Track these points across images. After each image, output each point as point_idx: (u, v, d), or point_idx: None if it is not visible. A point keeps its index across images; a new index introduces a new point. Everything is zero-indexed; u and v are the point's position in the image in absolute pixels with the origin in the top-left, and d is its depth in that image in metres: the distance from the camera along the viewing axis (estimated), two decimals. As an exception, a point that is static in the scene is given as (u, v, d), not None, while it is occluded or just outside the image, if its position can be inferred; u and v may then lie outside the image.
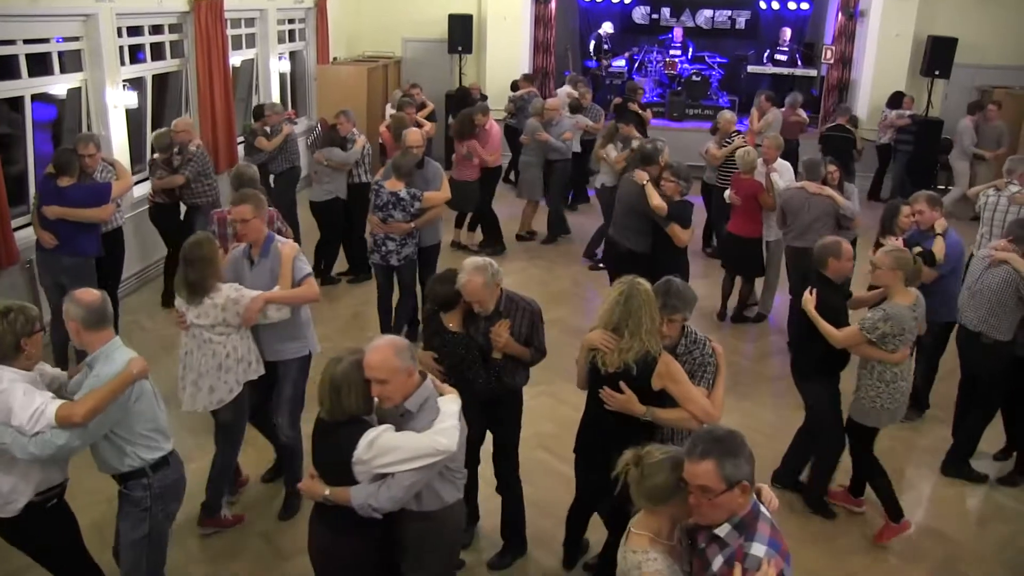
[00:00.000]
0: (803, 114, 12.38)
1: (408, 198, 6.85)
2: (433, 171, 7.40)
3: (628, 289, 3.89)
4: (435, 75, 14.57)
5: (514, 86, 13.12)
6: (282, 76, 12.64)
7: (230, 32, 10.57)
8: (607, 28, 15.63)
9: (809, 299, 4.99)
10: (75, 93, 8.11)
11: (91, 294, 3.68)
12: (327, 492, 3.36)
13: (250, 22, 11.58)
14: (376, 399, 3.35)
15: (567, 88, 12.58)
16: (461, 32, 14.12)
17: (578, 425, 4.35)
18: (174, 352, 7.13)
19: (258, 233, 4.86)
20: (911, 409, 6.22)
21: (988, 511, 5.47)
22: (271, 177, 9.20)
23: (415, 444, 3.26)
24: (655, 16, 15.98)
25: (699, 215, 8.14)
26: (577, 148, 11.01)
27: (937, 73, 13.16)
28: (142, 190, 8.69)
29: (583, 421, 4.30)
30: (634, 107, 11.91)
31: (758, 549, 2.73)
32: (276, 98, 12.08)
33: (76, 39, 7.86)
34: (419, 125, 9.55)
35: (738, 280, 8.40)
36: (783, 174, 7.96)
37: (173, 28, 9.62)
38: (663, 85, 15.41)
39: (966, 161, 12.04)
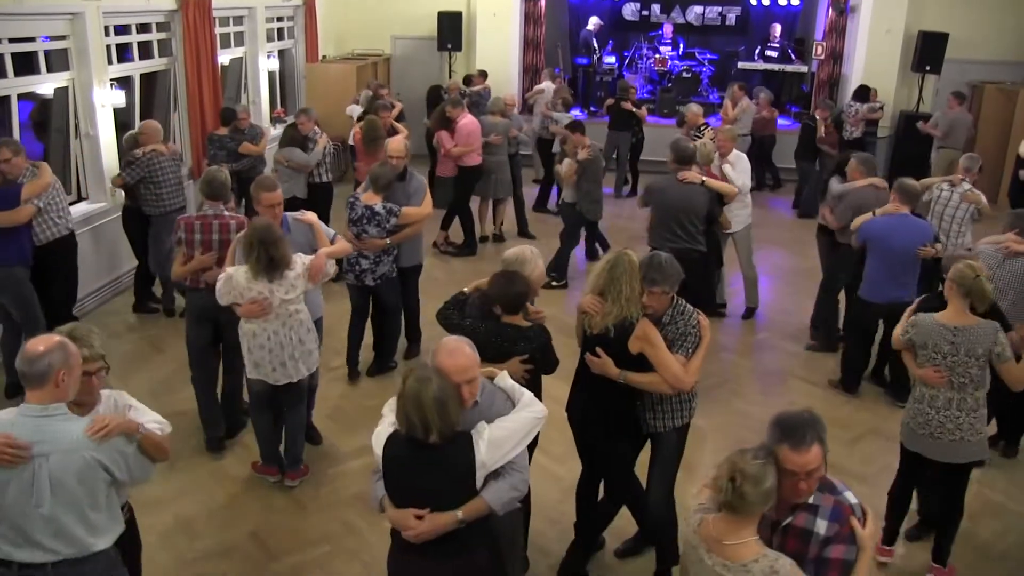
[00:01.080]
0: (774, 109, 12.48)
1: (384, 213, 6.37)
2: (416, 185, 6.82)
3: (615, 258, 4.11)
4: (425, 72, 14.54)
5: (467, 81, 13.11)
6: (271, 74, 12.58)
7: (218, 30, 10.52)
8: (595, 22, 15.55)
9: (912, 307, 4.94)
10: (62, 92, 8.04)
11: (37, 344, 3.07)
12: (460, 515, 3.14)
13: (238, 20, 11.51)
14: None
15: (549, 83, 12.63)
16: (450, 29, 14.09)
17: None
18: (165, 351, 7.17)
19: (281, 214, 5.39)
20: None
21: (979, 506, 5.45)
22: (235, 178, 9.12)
23: (520, 423, 3.26)
24: (645, 13, 15.94)
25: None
26: None
27: (928, 68, 13.21)
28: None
29: (573, 382, 4.46)
30: (627, 106, 11.93)
31: (852, 497, 2.90)
32: (265, 97, 12.04)
33: (63, 38, 7.80)
34: (395, 131, 9.36)
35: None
36: (736, 165, 7.86)
37: (161, 27, 9.55)
38: (653, 82, 15.40)
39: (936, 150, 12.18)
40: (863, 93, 12.59)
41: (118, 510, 3.25)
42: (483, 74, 13.23)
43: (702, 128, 9.70)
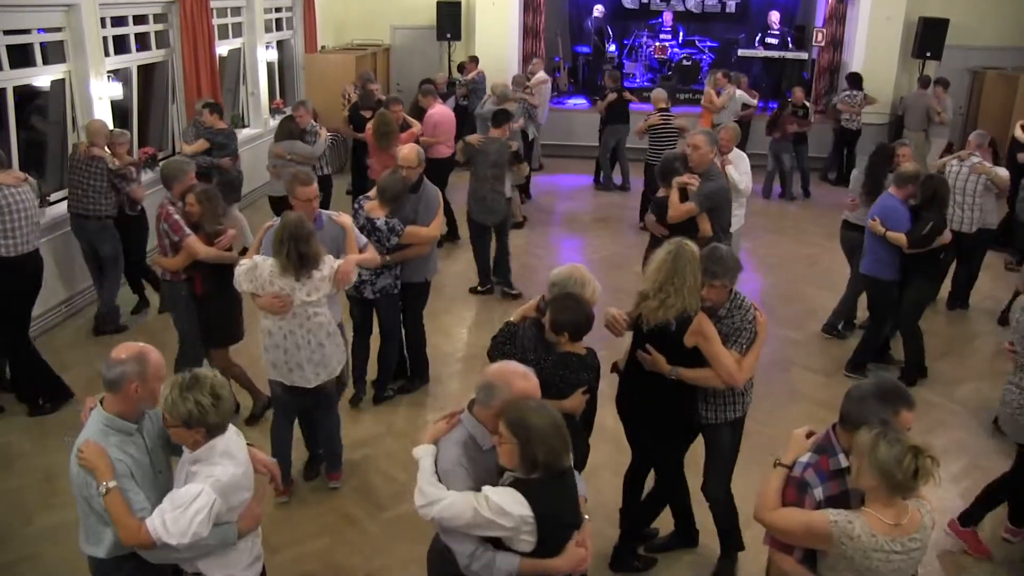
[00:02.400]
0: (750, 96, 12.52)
1: (384, 229, 5.76)
2: (428, 199, 6.13)
3: (676, 248, 4.01)
4: (424, 62, 14.50)
5: (460, 68, 13.01)
6: (269, 65, 12.54)
7: (216, 21, 10.47)
8: (600, 10, 15.47)
9: None
10: (59, 85, 8.01)
11: (120, 351, 3.17)
12: (586, 519, 3.15)
13: (236, 11, 11.46)
14: None
15: (541, 75, 12.61)
16: (449, 19, 14.05)
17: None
18: (162, 343, 7.13)
19: (316, 210, 5.20)
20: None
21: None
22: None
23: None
24: (645, 1, 15.86)
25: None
26: None
27: (928, 55, 13.16)
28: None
29: (622, 377, 4.40)
30: (629, 95, 11.87)
31: None
32: (264, 88, 12.01)
33: (59, 30, 7.76)
34: (408, 126, 9.09)
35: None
36: (739, 165, 7.36)
37: (158, 18, 9.52)
38: (653, 70, 15.33)
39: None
40: (859, 80, 12.56)
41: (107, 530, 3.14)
42: (474, 60, 13.19)
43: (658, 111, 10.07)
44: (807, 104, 11.98)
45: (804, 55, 14.75)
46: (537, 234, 10.48)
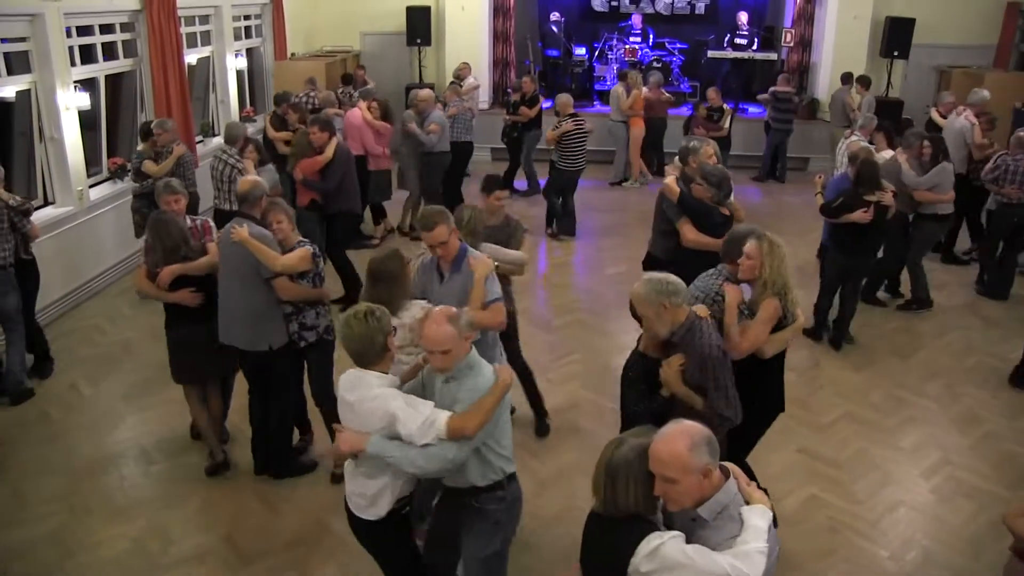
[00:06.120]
0: (667, 93, 12.89)
1: None
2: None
3: (770, 239, 4.34)
4: (395, 68, 14.50)
5: (347, 79, 12.57)
6: (239, 73, 12.47)
7: (184, 30, 10.39)
8: (555, 16, 15.47)
9: None
10: (24, 95, 7.91)
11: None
12: None
13: (205, 19, 11.39)
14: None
15: (471, 80, 12.57)
16: (419, 24, 14.03)
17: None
18: (134, 354, 7.08)
19: (454, 250, 4.56)
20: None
21: (952, 488, 5.50)
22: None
23: (707, 567, 2.58)
24: (615, 3, 15.92)
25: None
26: None
27: (896, 54, 13.33)
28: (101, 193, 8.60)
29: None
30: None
31: None
32: (233, 96, 11.93)
33: (23, 40, 7.67)
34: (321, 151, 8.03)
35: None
36: None
37: (125, 27, 9.43)
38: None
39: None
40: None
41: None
42: (362, 68, 13.19)
43: (567, 118, 9.93)
44: (724, 107, 11.72)
45: (773, 55, 14.86)
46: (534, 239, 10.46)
